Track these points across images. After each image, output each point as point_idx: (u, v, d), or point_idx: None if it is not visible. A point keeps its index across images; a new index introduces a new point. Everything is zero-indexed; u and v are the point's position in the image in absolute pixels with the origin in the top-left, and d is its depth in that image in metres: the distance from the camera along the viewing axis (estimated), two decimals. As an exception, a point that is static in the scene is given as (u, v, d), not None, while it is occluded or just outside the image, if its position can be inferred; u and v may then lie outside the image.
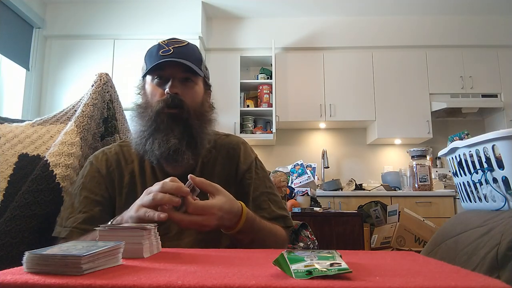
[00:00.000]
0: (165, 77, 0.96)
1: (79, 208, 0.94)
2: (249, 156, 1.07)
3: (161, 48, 0.96)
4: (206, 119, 1.01)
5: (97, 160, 1.01)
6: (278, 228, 0.98)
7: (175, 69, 0.94)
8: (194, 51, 1.00)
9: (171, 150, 0.92)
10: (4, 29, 3.32)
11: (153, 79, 0.97)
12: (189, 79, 0.97)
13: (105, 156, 1.02)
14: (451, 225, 1.12)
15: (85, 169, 1.01)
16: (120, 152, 1.03)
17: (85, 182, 0.97)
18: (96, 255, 0.51)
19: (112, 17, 3.86)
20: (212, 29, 4.14)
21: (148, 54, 0.99)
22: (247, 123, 3.95)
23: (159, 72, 0.96)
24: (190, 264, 0.56)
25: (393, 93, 3.95)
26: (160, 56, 0.94)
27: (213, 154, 1.04)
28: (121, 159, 1.01)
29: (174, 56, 0.94)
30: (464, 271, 0.48)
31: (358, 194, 3.44)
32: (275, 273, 0.46)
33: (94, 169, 0.99)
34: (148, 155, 0.95)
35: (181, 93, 0.95)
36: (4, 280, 0.43)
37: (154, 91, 0.97)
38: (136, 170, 1.00)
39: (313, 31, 4.13)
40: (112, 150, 1.03)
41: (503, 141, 0.94)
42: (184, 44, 0.98)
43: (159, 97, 0.95)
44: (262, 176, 1.06)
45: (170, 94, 0.93)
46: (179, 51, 0.95)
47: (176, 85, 0.94)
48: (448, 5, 3.93)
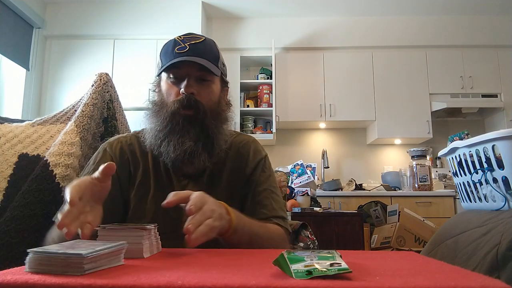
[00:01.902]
0: (180, 76, 0.93)
1: None
2: (259, 154, 1.06)
3: (176, 45, 0.93)
4: (222, 119, 0.99)
5: (111, 148, 0.99)
6: (272, 225, 0.95)
7: (191, 67, 0.91)
8: (211, 47, 0.97)
9: (187, 153, 0.91)
10: (4, 29, 3.32)
11: (168, 77, 0.95)
12: (205, 78, 0.94)
13: (120, 144, 1.00)
14: (451, 225, 1.12)
15: (98, 155, 0.99)
16: (136, 143, 1.01)
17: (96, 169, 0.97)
18: (99, 255, 0.51)
19: (112, 17, 3.86)
20: (212, 29, 4.14)
21: (164, 51, 0.96)
22: (247, 123, 3.95)
23: (174, 70, 0.93)
24: (190, 264, 0.56)
25: (393, 93, 3.95)
26: (176, 53, 0.91)
27: (223, 153, 1.02)
28: (136, 150, 1.00)
29: (190, 54, 0.91)
30: (464, 271, 0.48)
31: (358, 194, 3.44)
32: (275, 273, 0.46)
33: (108, 156, 0.97)
34: (163, 156, 0.94)
35: (197, 93, 0.92)
36: (4, 280, 0.43)
37: (169, 90, 0.94)
38: (150, 163, 0.99)
39: (313, 31, 4.13)
40: (128, 140, 1.02)
41: (503, 141, 0.94)
42: (200, 40, 0.95)
43: (175, 96, 0.93)
44: (268, 174, 1.05)
45: (186, 94, 0.91)
46: (195, 48, 0.92)
47: (192, 85, 0.92)
48: (448, 5, 3.93)
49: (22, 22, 3.58)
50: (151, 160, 0.99)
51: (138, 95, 3.67)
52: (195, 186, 0.98)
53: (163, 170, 0.99)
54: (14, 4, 3.34)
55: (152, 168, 0.99)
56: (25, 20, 3.61)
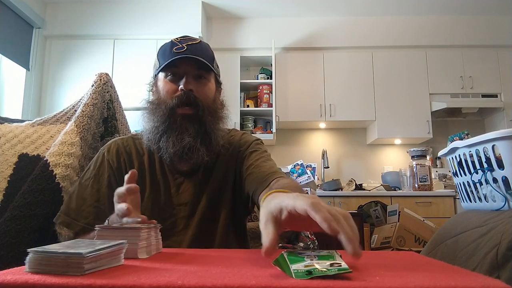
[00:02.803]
0: (178, 74, 0.96)
1: (90, 201, 0.94)
2: (250, 138, 1.09)
3: (174, 45, 0.96)
4: (219, 116, 1.02)
5: (108, 152, 1.02)
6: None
7: (189, 66, 0.95)
8: (207, 48, 1.01)
9: (186, 148, 0.93)
10: (4, 29, 3.32)
11: (166, 75, 0.98)
12: (202, 76, 0.98)
13: (117, 146, 1.03)
14: (451, 225, 1.12)
15: (97, 160, 1.02)
16: (132, 145, 1.04)
17: (97, 175, 0.98)
18: (99, 255, 0.51)
19: (112, 17, 3.86)
20: (212, 29, 4.14)
21: (161, 52, 1.00)
22: (247, 123, 3.95)
23: (173, 69, 0.96)
24: (190, 264, 0.56)
25: (393, 93, 3.95)
26: (174, 53, 0.94)
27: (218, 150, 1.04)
28: (133, 151, 1.03)
29: (188, 53, 0.94)
30: (464, 271, 0.48)
31: (358, 194, 3.44)
32: (275, 273, 0.46)
33: (106, 162, 1.00)
34: (161, 152, 0.96)
35: (195, 90, 0.95)
36: (4, 280, 0.43)
37: (167, 87, 0.97)
38: (146, 162, 1.01)
39: (313, 31, 4.13)
40: (124, 141, 1.05)
41: (503, 141, 0.93)
42: (197, 41, 0.99)
43: (173, 93, 0.95)
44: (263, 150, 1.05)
45: (185, 90, 0.94)
46: (192, 48, 0.96)
47: (190, 82, 0.95)
48: (448, 5, 3.93)
49: (22, 22, 3.58)
50: (147, 159, 1.02)
51: (138, 95, 3.65)
52: (190, 182, 1.01)
53: (159, 168, 1.01)
54: (14, 4, 3.34)
55: (147, 167, 1.01)
56: (25, 20, 3.61)
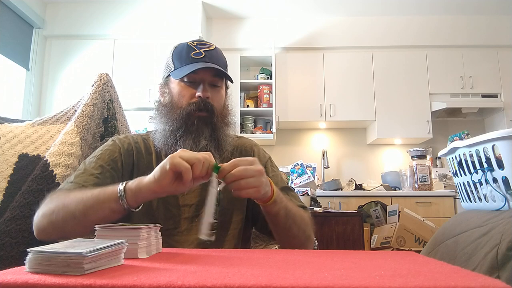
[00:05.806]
0: (195, 80, 0.98)
1: (91, 171, 0.93)
2: (263, 157, 1.09)
3: (191, 50, 0.98)
4: (228, 122, 1.04)
5: (119, 140, 1.02)
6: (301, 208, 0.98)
7: (206, 73, 0.97)
8: (222, 55, 1.04)
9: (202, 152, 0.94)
10: (4, 29, 3.32)
11: (182, 80, 0.99)
12: (217, 84, 1.01)
13: (128, 139, 1.03)
14: (451, 225, 1.12)
15: (106, 144, 1.02)
16: (142, 142, 1.05)
17: (103, 154, 0.98)
18: (99, 255, 0.51)
19: (112, 17, 3.85)
20: (212, 29, 4.14)
21: (177, 54, 1.01)
22: (247, 123, 3.94)
23: (190, 75, 0.97)
24: (190, 264, 0.56)
25: (393, 93, 3.95)
26: (192, 58, 0.97)
27: (226, 155, 1.04)
28: (142, 148, 1.03)
29: (207, 60, 0.97)
30: (464, 271, 0.48)
31: (358, 194, 3.44)
32: (275, 273, 0.46)
33: (115, 146, 1.00)
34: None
35: (211, 97, 0.98)
36: (4, 280, 0.43)
37: (183, 92, 0.98)
38: (154, 162, 1.02)
39: (313, 31, 4.13)
40: (135, 138, 1.06)
41: (503, 141, 0.94)
42: (212, 48, 1.02)
43: (189, 99, 0.97)
44: (277, 174, 1.07)
45: (202, 98, 0.96)
46: (210, 55, 0.99)
47: (207, 89, 0.98)
48: (448, 5, 3.93)
49: (22, 22, 3.58)
50: (155, 159, 1.02)
51: (138, 95, 3.68)
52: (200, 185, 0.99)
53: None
54: (14, 4, 3.34)
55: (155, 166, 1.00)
56: (25, 20, 3.61)
